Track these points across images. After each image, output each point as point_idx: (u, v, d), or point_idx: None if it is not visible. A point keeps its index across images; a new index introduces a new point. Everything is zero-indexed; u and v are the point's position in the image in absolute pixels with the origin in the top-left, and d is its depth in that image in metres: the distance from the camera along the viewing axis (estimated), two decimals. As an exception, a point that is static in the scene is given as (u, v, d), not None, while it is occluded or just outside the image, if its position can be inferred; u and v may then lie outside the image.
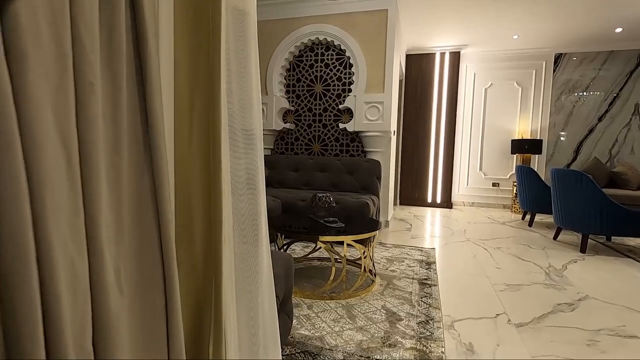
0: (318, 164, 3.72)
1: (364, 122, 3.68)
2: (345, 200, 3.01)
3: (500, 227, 4.12)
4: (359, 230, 2.07)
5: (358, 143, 3.86)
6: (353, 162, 3.62)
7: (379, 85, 3.66)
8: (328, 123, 3.95)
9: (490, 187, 5.61)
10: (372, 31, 3.65)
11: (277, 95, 3.97)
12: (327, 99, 3.93)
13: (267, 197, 3.00)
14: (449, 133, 5.41)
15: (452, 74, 5.35)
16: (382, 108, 3.63)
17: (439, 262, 2.66)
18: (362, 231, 2.02)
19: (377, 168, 3.57)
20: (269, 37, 4.00)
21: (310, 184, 3.69)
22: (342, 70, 3.86)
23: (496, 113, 5.51)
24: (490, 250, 3.05)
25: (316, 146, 4.01)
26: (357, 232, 2.00)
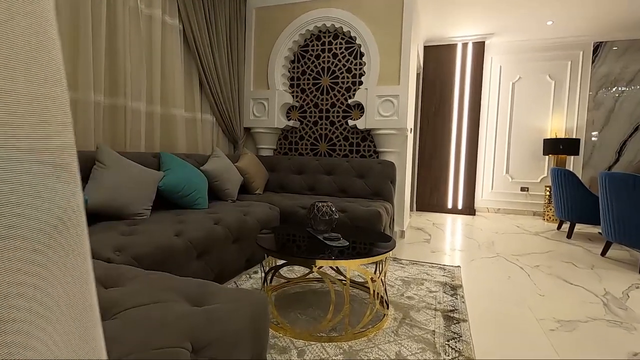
0: (324, 165, 3.30)
1: (377, 119, 3.24)
2: (354, 208, 2.57)
3: (534, 238, 3.59)
4: (367, 250, 1.63)
5: (370, 142, 3.42)
6: (364, 164, 3.18)
7: (394, 76, 3.21)
8: (336, 120, 3.52)
9: (519, 192, 5.06)
10: (386, 15, 3.21)
11: (280, 89, 3.56)
12: (335, 93, 3.51)
13: (264, 205, 2.60)
14: (471, 132, 4.90)
15: (476, 67, 4.84)
16: (397, 102, 3.18)
17: (466, 285, 2.19)
18: (371, 252, 1.58)
19: (391, 170, 3.12)
20: (270, 25, 3.60)
21: (314, 189, 3.26)
22: (351, 60, 3.43)
23: (525, 110, 4.96)
24: (528, 269, 2.55)
25: (323, 146, 3.59)
26: (365, 253, 1.56)
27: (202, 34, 2.97)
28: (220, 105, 3.27)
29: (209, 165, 2.65)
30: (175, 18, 2.76)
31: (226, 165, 2.79)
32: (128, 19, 2.34)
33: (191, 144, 3.06)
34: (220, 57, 3.25)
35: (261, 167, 3.30)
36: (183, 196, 2.24)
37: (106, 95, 2.26)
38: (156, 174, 2.12)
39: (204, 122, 3.21)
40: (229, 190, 2.73)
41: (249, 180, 3.07)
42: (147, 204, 2.00)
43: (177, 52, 2.79)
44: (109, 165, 1.88)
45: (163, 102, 2.73)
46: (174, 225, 1.83)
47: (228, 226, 2.05)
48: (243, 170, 3.02)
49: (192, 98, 3.04)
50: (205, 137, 3.23)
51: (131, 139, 2.41)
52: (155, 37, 2.59)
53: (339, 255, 1.51)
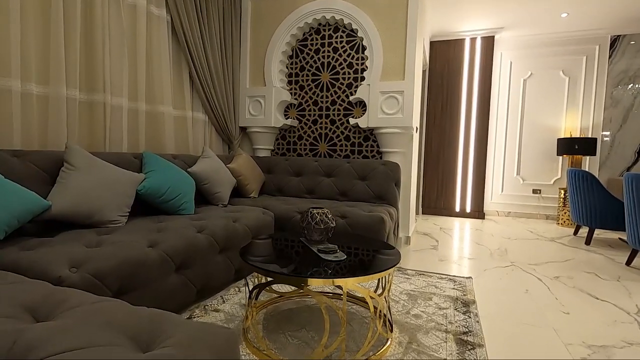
0: (324, 167, 3.08)
1: (380, 117, 3.01)
2: (355, 213, 2.36)
3: (550, 245, 3.34)
4: (367, 266, 1.41)
5: (373, 142, 3.20)
6: (366, 165, 2.96)
7: (398, 71, 2.99)
8: (337, 118, 3.30)
9: (530, 194, 4.80)
10: (390, 6, 2.99)
11: (277, 86, 3.36)
12: (335, 90, 3.29)
13: (257, 210, 2.39)
14: (480, 131, 4.66)
15: (485, 63, 4.60)
16: (402, 99, 2.95)
17: (480, 300, 1.96)
18: (371, 268, 1.36)
19: (396, 172, 2.90)
20: (267, 18, 3.40)
21: (314, 192, 3.05)
22: (353, 54, 3.21)
23: (537, 108, 4.71)
24: (547, 281, 2.31)
25: (322, 146, 3.37)
26: (364, 270, 1.34)
27: (193, 26, 2.77)
28: (213, 102, 3.07)
29: (198, 166, 2.44)
30: (162, 9, 2.57)
31: (217, 166, 2.58)
32: (107, 7, 2.14)
33: (181, 143, 2.86)
34: (213, 52, 3.05)
35: (257, 168, 3.09)
36: (166, 201, 2.04)
37: (82, 90, 2.06)
38: (135, 177, 1.92)
39: (195, 121, 3.01)
40: (219, 194, 2.53)
41: (242, 183, 2.86)
42: (123, 209, 1.80)
43: (164, 45, 2.59)
44: (79, 166, 1.68)
45: (149, 99, 2.53)
46: (150, 235, 1.62)
47: (213, 234, 1.84)
48: (236, 172, 2.81)
49: (182, 95, 2.85)
50: (196, 137, 3.03)
51: (111, 138, 2.21)
52: (140, 29, 2.39)
53: (335, 272, 1.30)
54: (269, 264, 1.34)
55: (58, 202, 1.55)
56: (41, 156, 1.67)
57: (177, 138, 2.81)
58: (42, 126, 1.88)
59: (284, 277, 1.24)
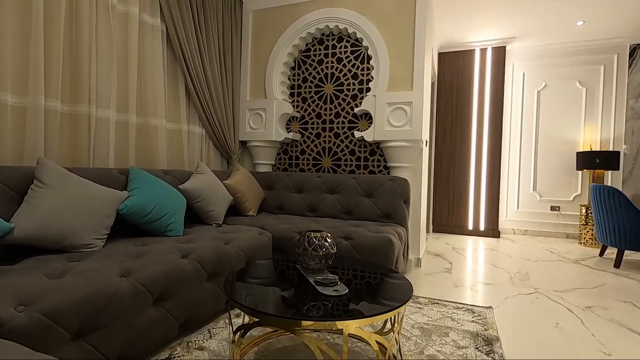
0: (327, 183, 2.88)
1: (387, 129, 2.83)
2: (360, 234, 2.14)
3: (574, 268, 3.06)
4: (372, 307, 1.20)
5: (379, 156, 3.00)
6: (373, 181, 2.76)
7: (406, 81, 2.81)
8: (341, 132, 3.12)
9: (548, 211, 4.52)
10: (397, 14, 2.84)
11: (279, 98, 3.21)
12: (339, 102, 3.12)
13: (253, 230, 2.19)
14: (493, 145, 4.43)
15: (496, 74, 4.41)
16: (410, 110, 2.77)
17: (504, 337, 1.71)
18: (377, 308, 1.14)
19: (405, 188, 2.68)
20: (268, 28, 3.28)
21: (316, 210, 2.84)
22: (358, 65, 3.06)
23: (553, 120, 4.48)
24: (578, 312, 2.05)
25: (326, 161, 3.18)
26: (369, 309, 1.12)
27: (190, 37, 2.65)
28: (211, 115, 2.92)
29: (190, 183, 2.27)
30: (156, 18, 2.45)
31: (211, 183, 2.40)
32: (95, 14, 2.02)
33: (175, 158, 2.70)
34: (211, 63, 2.92)
35: (256, 185, 2.90)
36: (151, 221, 1.85)
37: (65, 101, 1.92)
38: (117, 195, 1.75)
39: (192, 135, 2.86)
40: (213, 213, 2.34)
41: (240, 200, 2.67)
42: (100, 231, 1.61)
43: (158, 55, 2.46)
44: (51, 184, 1.51)
45: (140, 111, 2.39)
46: (126, 261, 1.43)
47: (200, 259, 1.64)
48: (233, 188, 2.63)
49: (177, 107, 2.70)
50: (192, 152, 2.86)
51: (96, 152, 2.05)
52: (132, 38, 2.27)
53: (334, 310, 1.08)
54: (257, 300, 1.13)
55: (23, 224, 1.38)
56: (9, 172, 1.51)
57: (171, 153, 2.65)
58: (18, 140, 1.73)
59: (272, 318, 1.03)
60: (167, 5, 2.47)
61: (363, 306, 1.14)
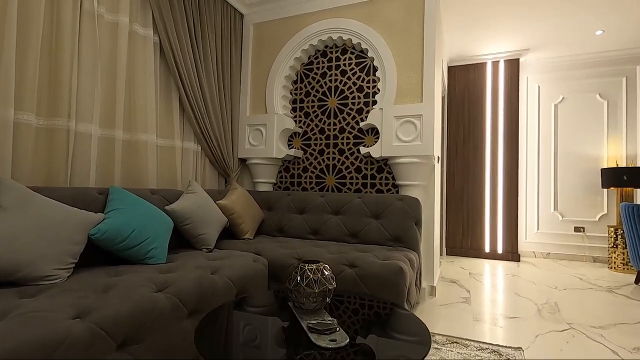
0: (331, 203, 2.65)
1: (395, 145, 2.61)
2: (367, 262, 1.89)
3: (609, 297, 2.73)
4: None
5: (387, 174, 2.77)
6: (380, 201, 2.52)
7: (415, 92, 2.62)
8: (346, 148, 2.92)
9: (572, 232, 4.19)
10: (404, 22, 2.68)
11: (280, 113, 3.03)
12: (344, 116, 2.93)
13: (247, 256, 1.97)
14: (509, 162, 4.17)
15: (510, 88, 4.20)
16: (420, 124, 2.55)
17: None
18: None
19: (416, 209, 2.43)
20: (269, 41, 3.15)
21: (319, 232, 2.60)
22: (363, 77, 2.88)
23: (573, 135, 4.22)
24: (625, 354, 1.74)
25: (330, 179, 2.97)
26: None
27: (184, 49, 2.51)
28: (207, 131, 2.75)
29: (178, 204, 2.06)
30: (149, 28, 2.32)
31: (203, 203, 2.19)
32: (79, 23, 1.88)
33: (167, 177, 2.51)
34: (208, 77, 2.77)
35: (254, 205, 2.69)
36: (128, 247, 1.64)
37: (41, 114, 1.76)
38: (90, 218, 1.54)
39: (186, 152, 2.68)
40: (204, 236, 2.12)
41: (235, 222, 2.45)
42: (65, 261, 1.40)
43: (150, 68, 2.32)
44: (9, 206, 1.31)
45: (128, 126, 2.22)
46: (86, 297, 1.20)
47: (179, 293, 1.41)
48: (228, 209, 2.42)
49: (171, 122, 2.54)
50: (186, 170, 2.68)
51: (75, 170, 1.87)
52: (121, 49, 2.13)
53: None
54: (231, 356, 0.89)
55: (-32, 254, 1.17)
56: (-39, 193, 1.32)
57: (162, 170, 2.47)
58: (-17, 156, 1.55)
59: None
60: (161, 16, 2.34)
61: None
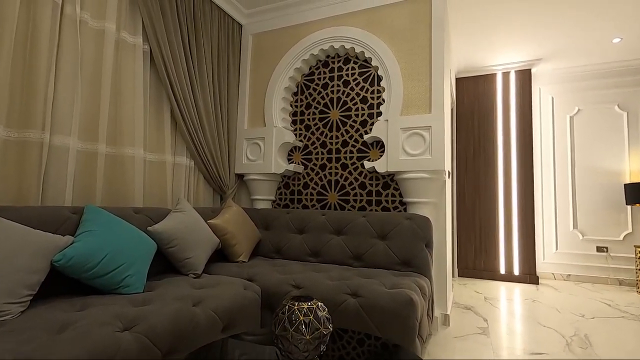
0: (333, 221, 2.44)
1: (402, 159, 2.41)
2: (372, 290, 1.66)
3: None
4: None
5: (394, 190, 2.56)
6: (387, 220, 2.30)
7: (423, 103, 2.43)
8: (349, 162, 2.72)
9: (594, 252, 3.90)
10: (410, 29, 2.52)
11: (279, 126, 2.86)
12: (347, 129, 2.75)
13: (237, 283, 1.76)
14: (523, 177, 3.93)
15: (522, 100, 4.01)
16: (429, 136, 2.36)
17: None
18: None
19: (426, 229, 2.21)
20: (268, 51, 3.02)
21: (319, 254, 2.38)
22: (367, 87, 2.71)
23: (591, 149, 3.98)
24: (679, 405, 1.47)
25: (332, 196, 2.76)
26: None
27: (177, 59, 2.37)
28: (201, 146, 2.58)
29: (163, 224, 1.87)
30: (138, 36, 2.19)
31: (191, 223, 2.00)
32: (58, 28, 1.75)
33: (156, 194, 2.33)
34: (203, 88, 2.63)
35: (249, 224, 2.49)
36: (98, 275, 1.44)
37: (12, 126, 1.60)
38: (53, 242, 1.36)
39: (178, 167, 2.51)
40: (190, 260, 1.91)
41: (228, 243, 2.25)
42: (19, 293, 1.20)
43: (139, 78, 2.18)
44: (-47, 229, 1.13)
45: (113, 139, 2.06)
46: (31, 341, 1.00)
47: (150, 332, 1.20)
48: (221, 229, 2.22)
49: (161, 136, 2.38)
50: (178, 186, 2.50)
51: (48, 187, 1.70)
52: (107, 57, 1.99)
53: None
54: None
55: None
56: None
57: (150, 187, 2.29)
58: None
59: None
60: (151, 24, 2.22)
61: None
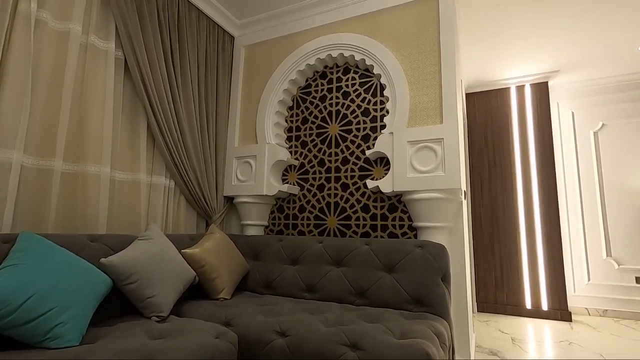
0: (331, 250, 2.09)
1: (410, 176, 2.08)
2: (376, 342, 1.29)
3: None
4: None
5: (402, 213, 2.22)
6: (395, 248, 1.94)
7: (433, 112, 2.13)
8: (350, 182, 2.40)
9: (633, 284, 3.43)
10: (415, 32, 2.27)
11: (272, 142, 2.58)
12: (347, 145, 2.45)
13: (207, 329, 1.41)
14: (546, 199, 3.55)
15: (540, 115, 3.70)
16: (441, 150, 2.04)
17: None
18: None
19: (442, 259, 1.84)
20: (261, 62, 2.79)
21: (315, 289, 2.02)
22: (369, 98, 2.43)
23: (620, 167, 3.61)
24: None
25: (332, 220, 2.42)
26: None
27: (156, 69, 2.14)
28: (182, 164, 2.29)
29: (122, 255, 1.54)
30: (110, 42, 1.96)
31: (159, 253, 1.67)
32: (9, 27, 1.52)
33: (127, 219, 2.02)
34: (187, 102, 2.38)
35: (234, 254, 2.15)
36: (18, 323, 1.10)
37: None
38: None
39: (155, 188, 2.21)
40: (155, 299, 1.56)
41: (207, 277, 1.90)
42: None
43: (110, 86, 1.93)
44: None
45: (73, 155, 1.78)
46: None
47: (61, 411, 0.85)
48: (197, 260, 1.88)
49: (135, 152, 2.10)
50: (154, 210, 2.19)
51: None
52: (70, 62, 1.75)
53: None
54: None
55: None
56: None
57: (119, 211, 1.99)
58: None
59: None
60: (126, 29, 1.99)
61: None
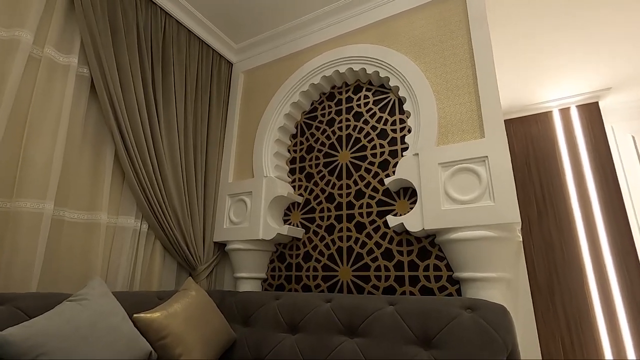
0: (343, 314, 1.52)
1: (446, 208, 1.54)
2: None
3: None
4: None
5: (438, 260, 1.65)
6: (431, 311, 1.36)
7: (471, 123, 1.64)
8: (366, 220, 1.88)
9: None
10: (438, 34, 1.87)
11: (270, 176, 2.13)
12: (362, 174, 1.97)
13: None
14: (617, 239, 2.85)
15: (593, 140, 3.12)
16: (485, 172, 1.52)
17: None
18: None
19: (504, 326, 1.23)
20: (259, 86, 2.46)
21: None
22: (386, 118, 1.99)
23: None
24: None
25: (345, 271, 1.87)
26: None
27: (131, 91, 1.81)
28: (159, 204, 1.87)
29: (28, 326, 1.06)
30: (72, 56, 1.66)
31: (92, 321, 1.17)
32: None
33: (77, 270, 1.57)
34: (169, 132, 2.02)
35: (215, 319, 1.61)
36: None
37: None
38: None
39: (120, 232, 1.77)
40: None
41: (169, 353, 1.37)
42: None
43: (67, 108, 1.59)
44: None
45: (4, 188, 1.39)
46: None
47: None
48: (156, 329, 1.37)
49: (97, 188, 1.70)
50: (116, 260, 1.73)
51: None
52: (14, 76, 1.43)
53: None
54: None
55: None
56: None
57: (64, 260, 1.54)
58: None
59: None
60: (93, 44, 1.70)
61: None
